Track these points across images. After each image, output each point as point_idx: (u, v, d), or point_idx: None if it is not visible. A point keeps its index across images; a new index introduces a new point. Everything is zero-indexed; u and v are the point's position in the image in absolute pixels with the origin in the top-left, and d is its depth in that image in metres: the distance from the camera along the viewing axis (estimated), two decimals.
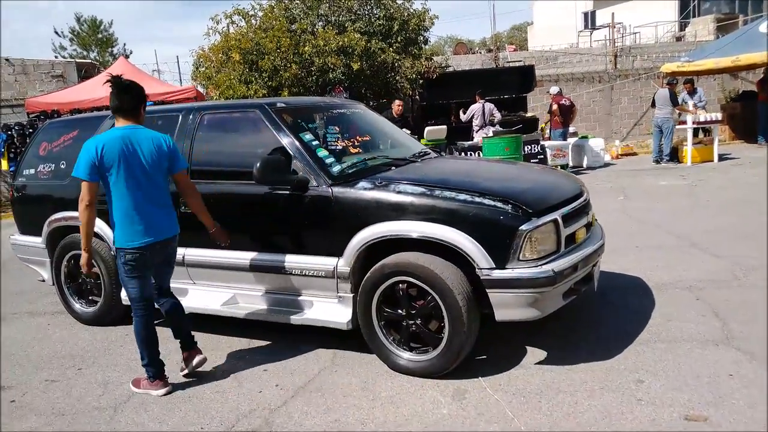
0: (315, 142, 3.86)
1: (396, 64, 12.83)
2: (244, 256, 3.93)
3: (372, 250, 3.52)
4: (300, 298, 3.85)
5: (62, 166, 4.77)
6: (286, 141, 3.82)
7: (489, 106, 12.38)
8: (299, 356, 3.92)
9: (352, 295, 3.63)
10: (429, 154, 4.54)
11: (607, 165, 13.07)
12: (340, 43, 12.14)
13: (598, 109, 16.71)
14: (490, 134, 11.55)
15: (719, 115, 12.55)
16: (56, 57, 26.47)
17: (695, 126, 12.20)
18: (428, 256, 3.31)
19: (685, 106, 12.57)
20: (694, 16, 22.86)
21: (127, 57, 22.01)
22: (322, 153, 3.80)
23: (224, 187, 4.02)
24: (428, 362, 3.41)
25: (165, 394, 3.51)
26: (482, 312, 3.37)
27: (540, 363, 3.54)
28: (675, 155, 12.53)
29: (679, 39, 20.72)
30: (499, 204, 3.27)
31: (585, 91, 16.11)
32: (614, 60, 16.97)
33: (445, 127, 11.93)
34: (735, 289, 4.53)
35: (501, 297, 3.25)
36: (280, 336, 4.19)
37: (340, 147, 4.03)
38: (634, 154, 14.46)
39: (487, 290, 3.26)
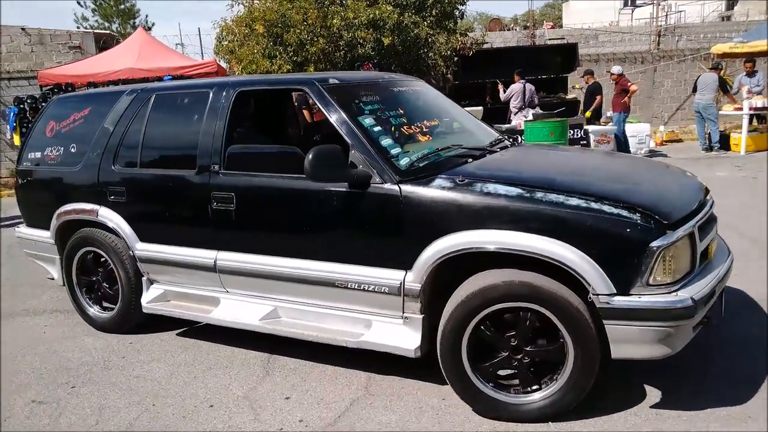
0: (377, 128, 3.15)
1: (429, 40, 11.98)
2: (289, 264, 3.26)
3: (444, 264, 2.84)
4: (356, 316, 3.18)
5: (72, 150, 4.11)
6: (343, 127, 3.12)
7: (530, 87, 11.56)
8: (327, 380, 3.31)
9: (421, 316, 2.95)
10: (503, 142, 3.82)
11: (652, 153, 12.22)
12: (371, 16, 11.32)
13: (639, 91, 15.73)
14: (530, 117, 10.79)
15: None
16: (78, 28, 25.64)
17: (751, 112, 11.31)
18: (547, 279, 2.63)
19: (741, 89, 11.70)
20: None
21: (148, 29, 21.20)
22: (386, 141, 3.10)
23: (265, 180, 3.33)
24: (539, 403, 2.74)
25: None
26: None
27: (656, 406, 2.83)
28: (726, 143, 11.68)
29: (725, 18, 19.61)
30: (624, 213, 2.56)
31: (626, 72, 15.12)
32: (657, 40, 15.95)
33: (481, 108, 11.15)
34: None
35: (622, 330, 2.55)
36: (304, 350, 3.55)
37: (406, 134, 3.32)
38: (680, 140, 13.58)
39: (605, 321, 2.56)
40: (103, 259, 4.10)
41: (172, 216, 3.73)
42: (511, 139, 3.98)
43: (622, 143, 11.66)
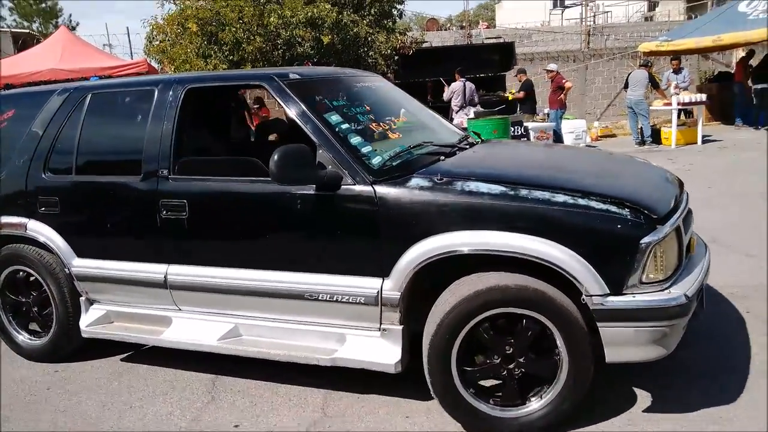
0: (345, 125, 2.93)
1: (369, 39, 11.84)
2: (251, 276, 2.98)
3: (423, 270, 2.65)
4: (328, 330, 2.93)
5: None
6: (308, 125, 2.87)
7: (470, 85, 11.62)
8: (280, 402, 3.05)
9: (401, 327, 2.75)
10: (470, 138, 3.67)
11: (588, 147, 12.55)
12: (309, 14, 11.07)
13: (572, 89, 16.18)
14: (471, 115, 10.83)
15: (704, 96, 12.17)
16: None
17: (680, 107, 11.79)
18: (538, 281, 2.48)
19: (669, 85, 12.19)
20: None
21: (72, 29, 19.98)
22: (355, 140, 2.87)
23: (222, 185, 3.04)
24: (532, 417, 2.58)
25: None
26: None
27: (648, 410, 2.73)
28: (657, 137, 12.14)
29: (648, 19, 20.52)
30: (613, 208, 2.45)
31: (560, 70, 15.50)
32: (587, 39, 16.45)
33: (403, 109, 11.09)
34: None
35: (617, 333, 2.44)
36: (253, 368, 3.28)
37: (375, 131, 3.11)
38: (613, 135, 14.02)
39: (599, 324, 2.45)
40: (33, 279, 3.67)
41: (114, 227, 3.35)
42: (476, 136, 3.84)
43: (560, 139, 11.92)
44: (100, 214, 3.39)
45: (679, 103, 11.66)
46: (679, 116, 12.08)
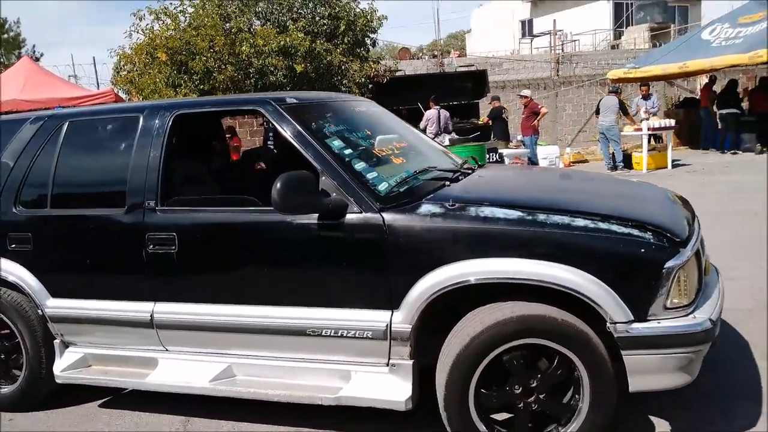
0: (348, 151, 2.79)
1: (343, 67, 11.83)
2: (248, 312, 2.79)
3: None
4: (331, 367, 2.74)
5: None
6: (309, 150, 2.72)
7: (444, 113, 11.67)
8: None
9: (411, 361, 2.59)
10: (468, 163, 3.57)
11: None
12: (282, 42, 11.02)
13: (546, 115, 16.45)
14: (446, 142, 10.85)
15: (672, 121, 12.46)
16: None
17: (650, 132, 12.03)
18: (560, 311, 2.35)
19: (638, 111, 12.45)
20: (628, 25, 23.45)
21: (36, 60, 19.50)
22: (360, 165, 2.73)
23: (215, 216, 2.86)
24: None
25: None
26: None
27: None
28: (628, 162, 12.34)
29: (614, 47, 21.13)
30: (635, 231, 2.35)
31: (532, 97, 15.77)
32: (557, 67, 16.80)
33: (396, 135, 11.06)
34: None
35: (642, 361, 2.33)
36: (228, 408, 3.06)
37: (378, 156, 2.97)
38: (586, 161, 14.22)
39: (623, 352, 2.33)
40: (1, 321, 3.38)
41: (94, 264, 3.11)
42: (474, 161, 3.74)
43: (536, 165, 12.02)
44: (78, 250, 3.15)
45: (649, 129, 11.89)
46: (649, 141, 12.33)
